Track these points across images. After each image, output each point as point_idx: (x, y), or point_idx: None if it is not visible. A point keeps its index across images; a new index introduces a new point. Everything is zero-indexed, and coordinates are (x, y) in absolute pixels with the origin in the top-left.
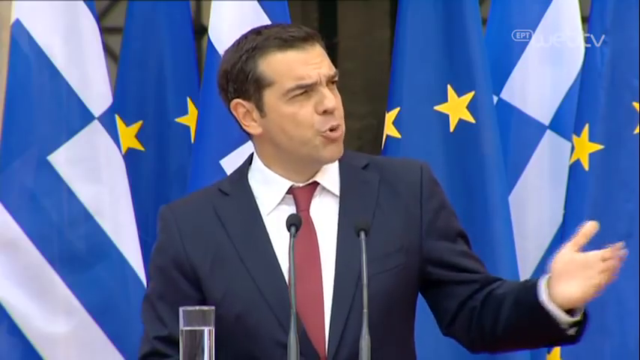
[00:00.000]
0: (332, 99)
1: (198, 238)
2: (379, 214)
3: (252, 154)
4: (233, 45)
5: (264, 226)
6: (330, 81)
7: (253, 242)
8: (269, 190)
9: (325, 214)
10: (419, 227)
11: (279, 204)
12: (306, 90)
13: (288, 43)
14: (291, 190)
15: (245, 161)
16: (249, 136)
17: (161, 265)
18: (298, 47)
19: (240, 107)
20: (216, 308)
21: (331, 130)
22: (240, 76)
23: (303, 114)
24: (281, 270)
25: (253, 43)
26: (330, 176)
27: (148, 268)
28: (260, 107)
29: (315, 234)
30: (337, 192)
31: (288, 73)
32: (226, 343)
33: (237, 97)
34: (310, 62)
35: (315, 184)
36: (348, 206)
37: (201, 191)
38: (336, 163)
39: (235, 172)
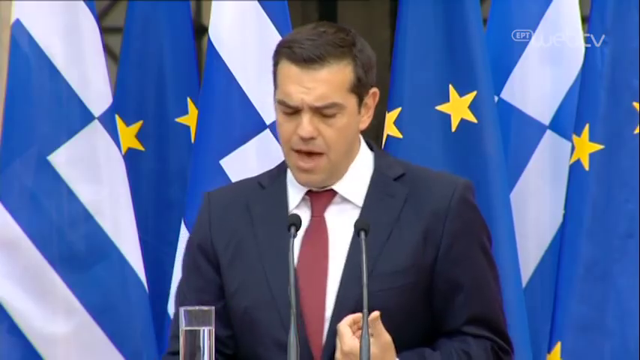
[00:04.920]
0: (305, 128)
1: (225, 228)
2: (397, 230)
3: None
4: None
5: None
6: (319, 111)
7: (274, 239)
8: (293, 190)
9: (342, 222)
10: (437, 246)
11: (300, 205)
12: (293, 110)
13: (295, 57)
14: (309, 193)
15: None
16: None
17: (190, 249)
18: (301, 66)
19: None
20: (229, 300)
21: (299, 151)
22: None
23: (285, 128)
24: (294, 270)
25: (282, 40)
26: (354, 185)
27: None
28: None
29: (327, 240)
30: (359, 202)
31: (283, 86)
32: (237, 336)
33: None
34: (302, 85)
35: (333, 191)
36: (367, 218)
37: (244, 181)
38: (370, 170)
39: (277, 166)
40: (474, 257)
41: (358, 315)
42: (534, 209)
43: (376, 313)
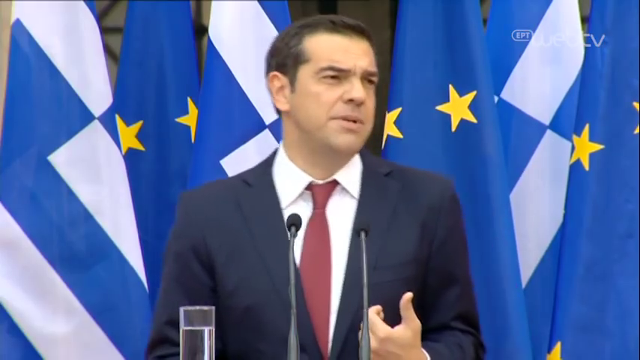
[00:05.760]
0: (360, 90)
1: (218, 227)
2: (395, 222)
3: (279, 146)
4: (290, 24)
5: (283, 220)
6: (366, 77)
7: (271, 236)
8: (289, 184)
9: (342, 214)
10: (431, 241)
11: (297, 199)
12: (338, 76)
13: (337, 27)
14: (310, 187)
15: (271, 153)
16: (279, 115)
17: (178, 251)
18: (345, 34)
19: (276, 80)
20: (226, 299)
21: (348, 119)
22: (283, 50)
23: (327, 96)
24: (296, 266)
25: (305, 22)
26: (351, 177)
27: (164, 253)
28: (292, 82)
29: (329, 234)
30: (356, 194)
31: (326, 54)
32: (232, 335)
33: (276, 70)
34: (351, 51)
35: (335, 182)
36: (365, 210)
37: (223, 181)
38: (359, 167)
39: (260, 163)
40: (463, 254)
41: (379, 307)
42: (534, 209)
43: (409, 295)
